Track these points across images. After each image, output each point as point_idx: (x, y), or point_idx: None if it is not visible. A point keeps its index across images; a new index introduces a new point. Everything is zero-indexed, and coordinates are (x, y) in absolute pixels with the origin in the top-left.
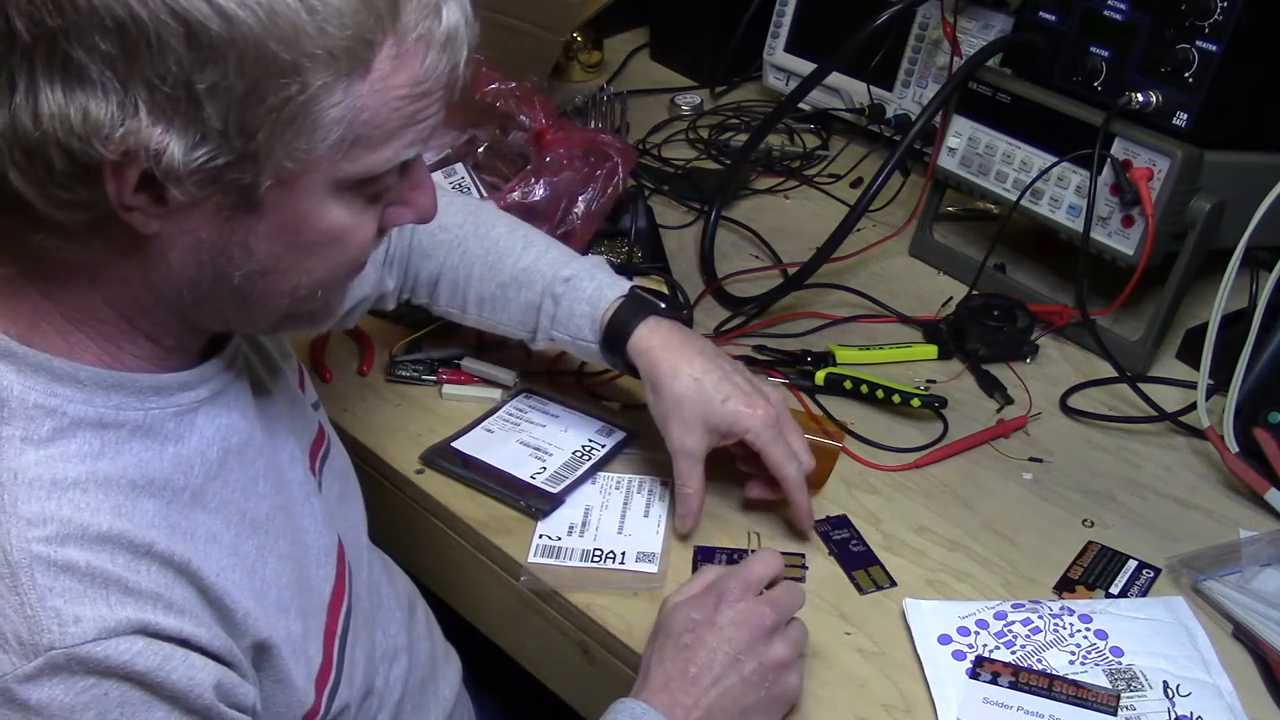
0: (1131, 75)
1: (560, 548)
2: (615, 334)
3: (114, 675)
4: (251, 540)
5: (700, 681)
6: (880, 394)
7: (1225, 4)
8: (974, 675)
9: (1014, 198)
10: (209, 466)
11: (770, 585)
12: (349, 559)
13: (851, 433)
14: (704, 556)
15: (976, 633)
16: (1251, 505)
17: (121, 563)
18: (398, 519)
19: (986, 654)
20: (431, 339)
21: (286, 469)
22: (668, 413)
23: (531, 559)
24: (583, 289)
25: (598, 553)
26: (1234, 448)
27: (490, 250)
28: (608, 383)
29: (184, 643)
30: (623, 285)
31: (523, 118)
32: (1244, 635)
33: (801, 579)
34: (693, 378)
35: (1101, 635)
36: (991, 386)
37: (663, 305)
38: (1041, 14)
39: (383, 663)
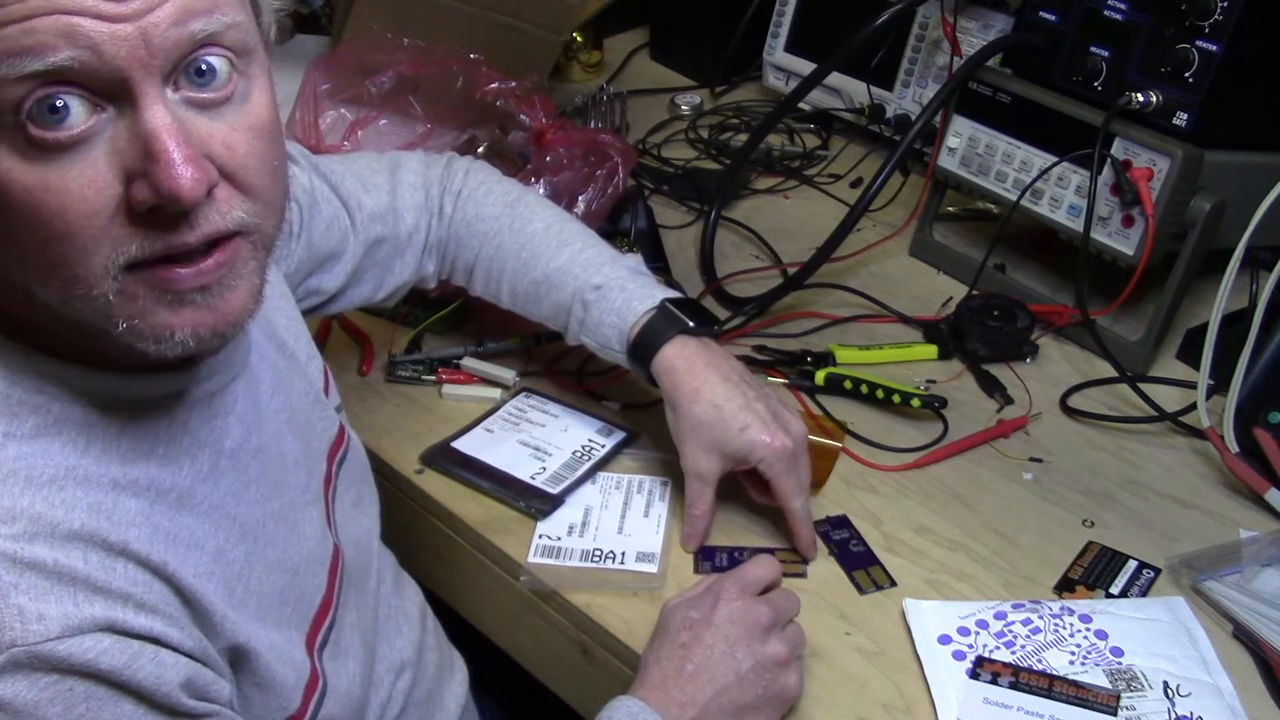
0: (1131, 75)
1: (560, 548)
2: (641, 350)
3: (78, 672)
4: (239, 547)
5: (697, 679)
6: (880, 394)
7: (1225, 4)
8: (974, 675)
9: (1014, 198)
10: (198, 469)
11: (769, 590)
12: (352, 567)
13: (851, 433)
14: (704, 556)
15: (976, 633)
16: (1251, 505)
17: (94, 561)
18: (397, 519)
19: (986, 654)
20: (431, 339)
21: (288, 474)
22: (684, 434)
23: (531, 559)
24: (612, 300)
25: (598, 553)
26: (1234, 448)
27: (524, 246)
28: (608, 383)
29: (154, 640)
30: (654, 297)
31: (523, 117)
32: (1244, 635)
33: (802, 574)
34: (713, 404)
35: (1101, 635)
36: (991, 386)
37: (692, 324)
38: (1041, 14)
39: (387, 674)
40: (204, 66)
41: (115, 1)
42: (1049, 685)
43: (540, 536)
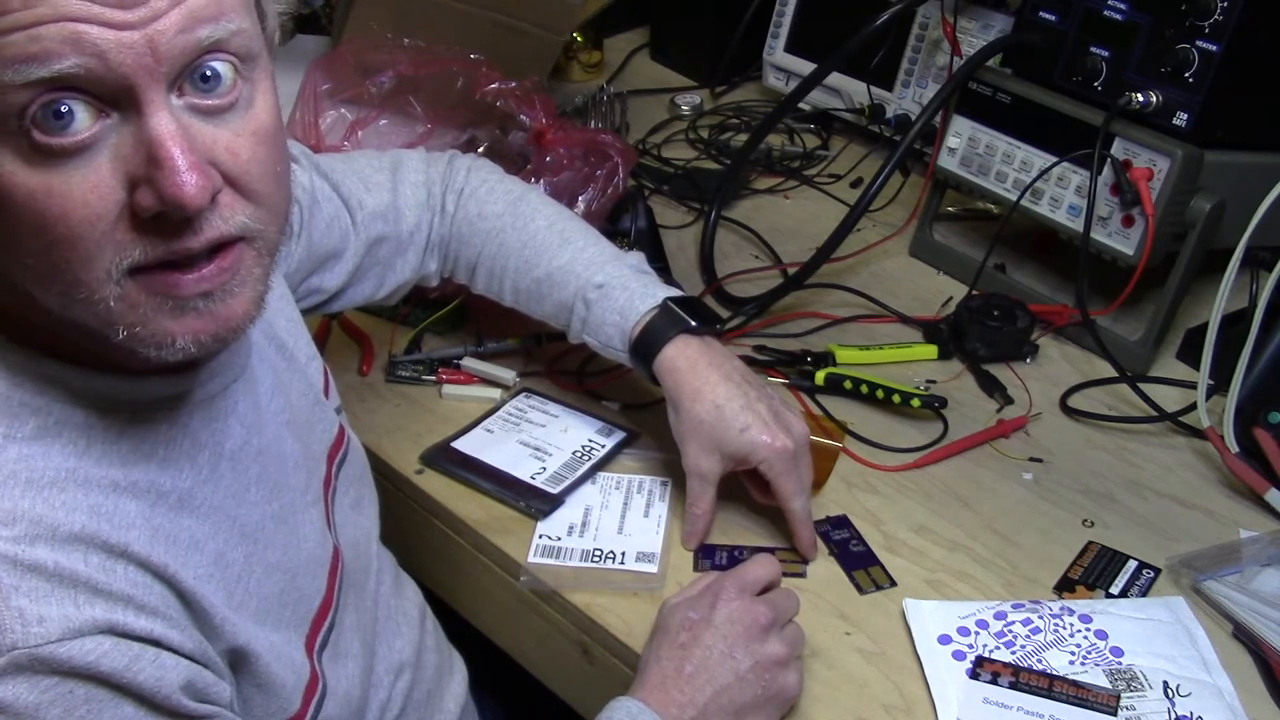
0: (1131, 75)
1: (560, 548)
2: (643, 349)
3: (78, 675)
4: (239, 549)
5: (696, 680)
6: (880, 394)
7: (1225, 4)
8: (974, 675)
9: (1014, 198)
10: (198, 471)
11: (769, 590)
12: (352, 569)
13: (851, 433)
14: (704, 554)
15: (976, 633)
16: (1251, 505)
17: (94, 563)
18: (398, 519)
19: (986, 654)
20: (431, 339)
21: (288, 475)
22: (686, 434)
23: (531, 559)
24: (614, 299)
25: (598, 553)
26: (1234, 448)
27: (527, 244)
28: (608, 383)
29: (155, 643)
30: (656, 296)
31: (523, 118)
32: (1244, 635)
33: (802, 574)
34: (714, 404)
35: (1101, 635)
36: (991, 386)
37: (694, 323)
38: (1041, 14)
39: (386, 676)
40: (209, 73)
41: (122, 9)
42: (1049, 685)
43: (540, 536)
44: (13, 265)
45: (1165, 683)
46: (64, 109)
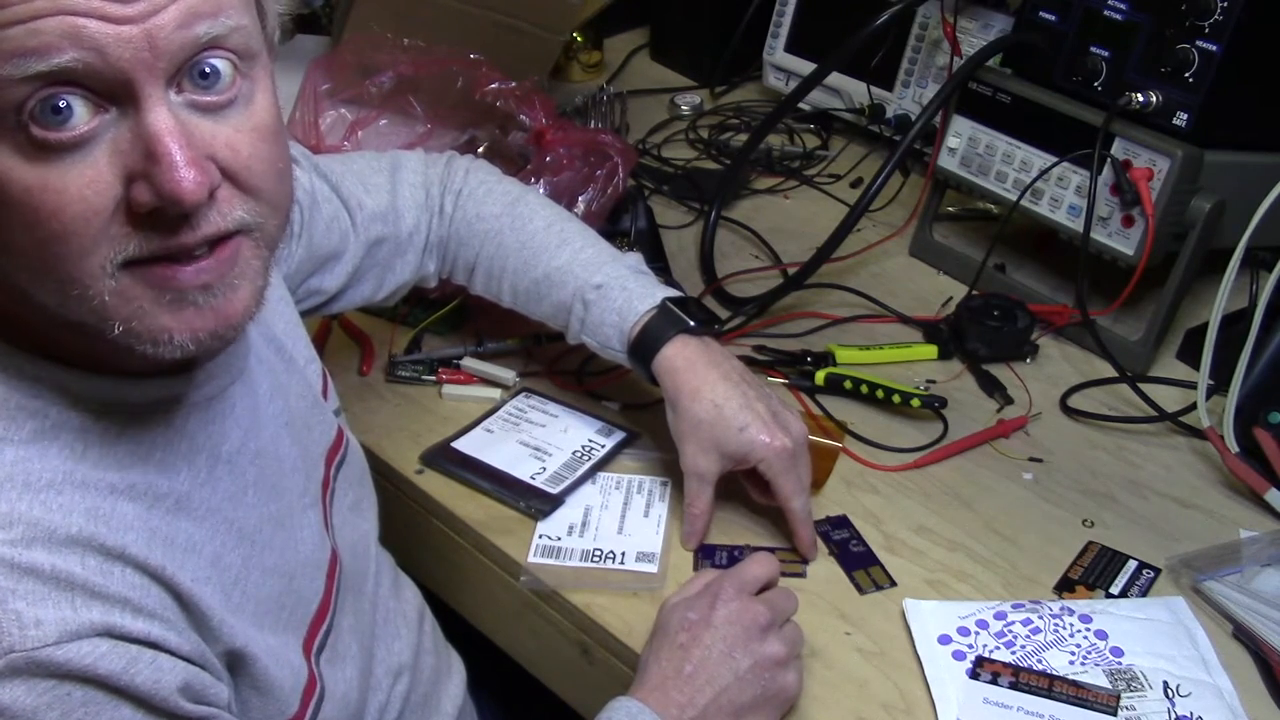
0: (1131, 75)
1: (560, 548)
2: (642, 349)
3: (76, 677)
4: (237, 551)
5: (695, 680)
6: (880, 394)
7: (1225, 4)
8: (974, 675)
9: (1014, 198)
10: (196, 474)
11: (767, 589)
12: (350, 571)
13: (851, 433)
14: (704, 554)
15: (976, 633)
16: (1251, 505)
17: (92, 565)
18: (397, 520)
19: (986, 654)
20: (431, 339)
21: (286, 477)
22: (684, 434)
23: (531, 559)
24: (612, 299)
25: (598, 553)
26: (1234, 448)
27: (525, 245)
28: (608, 382)
29: (152, 645)
30: (654, 296)
31: (523, 118)
32: (1244, 635)
33: (802, 574)
34: (713, 403)
35: (1101, 635)
36: (991, 386)
37: (692, 324)
38: (1041, 14)
39: (385, 678)
40: (207, 69)
41: (121, 4)
42: (1049, 685)
43: (540, 536)
44: (8, 262)
45: (1165, 683)
46: (62, 104)
